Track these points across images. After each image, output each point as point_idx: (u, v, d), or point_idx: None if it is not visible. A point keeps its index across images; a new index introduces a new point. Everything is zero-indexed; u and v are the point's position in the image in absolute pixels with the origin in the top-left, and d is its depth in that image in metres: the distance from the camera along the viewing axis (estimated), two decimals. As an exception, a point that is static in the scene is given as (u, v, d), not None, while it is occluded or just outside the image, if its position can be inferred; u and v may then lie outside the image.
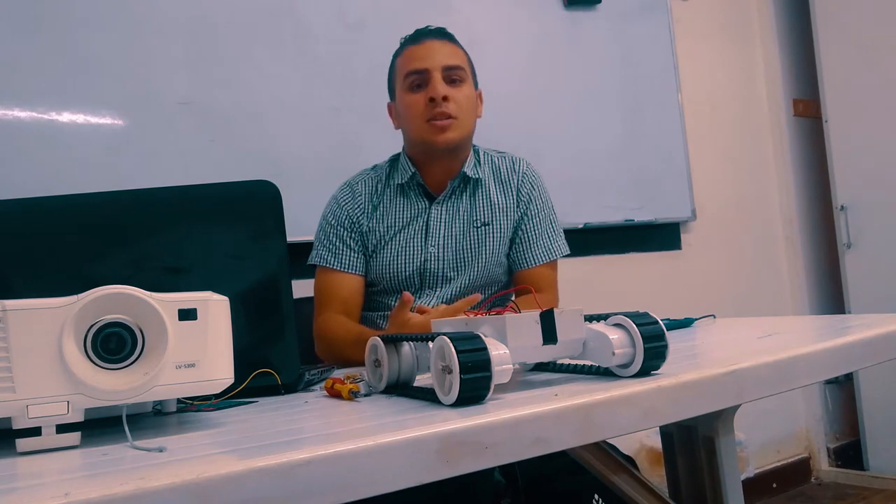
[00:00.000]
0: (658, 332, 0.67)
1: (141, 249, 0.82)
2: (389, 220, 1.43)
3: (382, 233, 1.42)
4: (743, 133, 2.92)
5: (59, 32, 1.65)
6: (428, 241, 1.41)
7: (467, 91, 1.40)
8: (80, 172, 1.63)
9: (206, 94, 1.80)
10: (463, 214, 1.43)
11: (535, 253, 1.45)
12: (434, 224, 1.42)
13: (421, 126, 1.37)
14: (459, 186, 1.44)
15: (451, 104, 1.36)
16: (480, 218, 1.43)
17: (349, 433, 0.54)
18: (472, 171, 1.44)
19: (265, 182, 0.88)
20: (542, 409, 0.57)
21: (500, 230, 1.44)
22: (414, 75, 1.38)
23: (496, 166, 1.48)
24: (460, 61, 1.40)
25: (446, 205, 1.43)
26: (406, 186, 1.44)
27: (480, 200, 1.45)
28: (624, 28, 2.55)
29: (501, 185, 1.47)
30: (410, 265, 1.40)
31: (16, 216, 0.81)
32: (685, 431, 0.99)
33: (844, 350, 0.80)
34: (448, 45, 1.41)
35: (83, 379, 0.56)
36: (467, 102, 1.39)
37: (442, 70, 1.37)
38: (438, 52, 1.39)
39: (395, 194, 1.45)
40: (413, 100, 1.38)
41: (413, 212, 1.43)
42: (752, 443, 2.65)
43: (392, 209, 1.44)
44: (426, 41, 1.40)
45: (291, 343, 0.86)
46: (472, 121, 1.42)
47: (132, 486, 0.42)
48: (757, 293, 2.85)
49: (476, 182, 1.45)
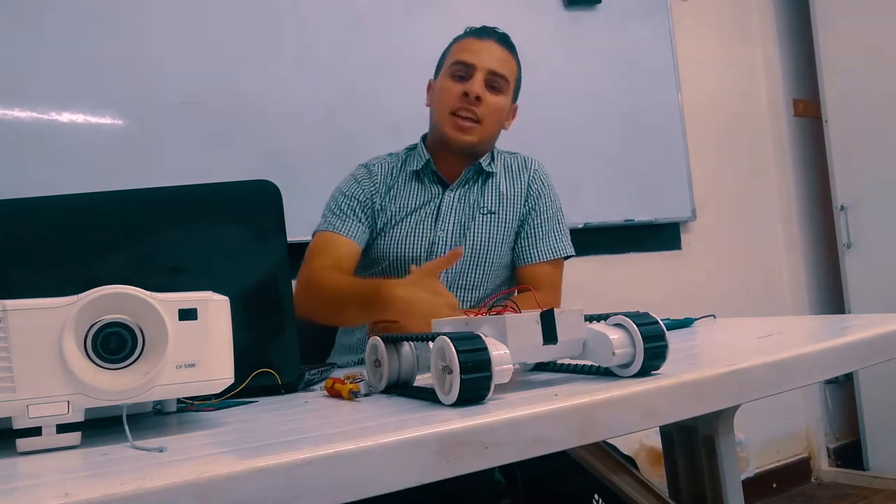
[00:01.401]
0: (658, 332, 0.67)
1: (141, 249, 0.82)
2: (402, 202, 1.45)
3: (394, 212, 1.44)
4: (743, 133, 2.92)
5: (59, 32, 1.65)
6: (438, 226, 1.43)
7: (502, 101, 1.43)
8: (80, 172, 1.63)
9: (206, 94, 1.80)
10: (472, 203, 1.46)
11: (539, 249, 1.46)
12: (445, 210, 1.44)
13: (445, 116, 1.41)
14: (473, 177, 1.47)
15: (482, 107, 1.39)
16: (488, 206, 1.46)
17: (349, 433, 0.54)
18: (487, 165, 1.47)
19: (265, 182, 0.88)
20: (543, 409, 0.57)
21: (506, 220, 1.46)
22: (460, 65, 1.41)
23: (508, 163, 1.52)
24: (508, 72, 1.43)
25: (458, 192, 1.46)
26: (421, 173, 1.47)
27: (490, 190, 1.47)
28: (624, 28, 2.55)
29: (511, 178, 1.50)
30: (419, 247, 1.42)
31: (16, 216, 0.81)
32: (685, 431, 0.99)
33: (844, 350, 0.80)
34: (504, 53, 1.44)
35: (83, 379, 0.56)
36: (497, 111, 1.43)
37: (487, 72, 1.40)
38: (492, 54, 1.42)
39: (410, 179, 1.48)
40: (449, 86, 1.41)
41: (426, 196, 1.46)
42: (752, 443, 2.65)
43: (406, 192, 1.47)
44: (487, 40, 1.43)
45: (291, 343, 0.86)
46: (495, 129, 1.46)
47: (132, 486, 0.42)
48: (757, 293, 2.85)
49: (489, 174, 1.48)
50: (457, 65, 1.41)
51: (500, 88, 1.42)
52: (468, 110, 1.38)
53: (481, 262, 1.43)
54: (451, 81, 1.41)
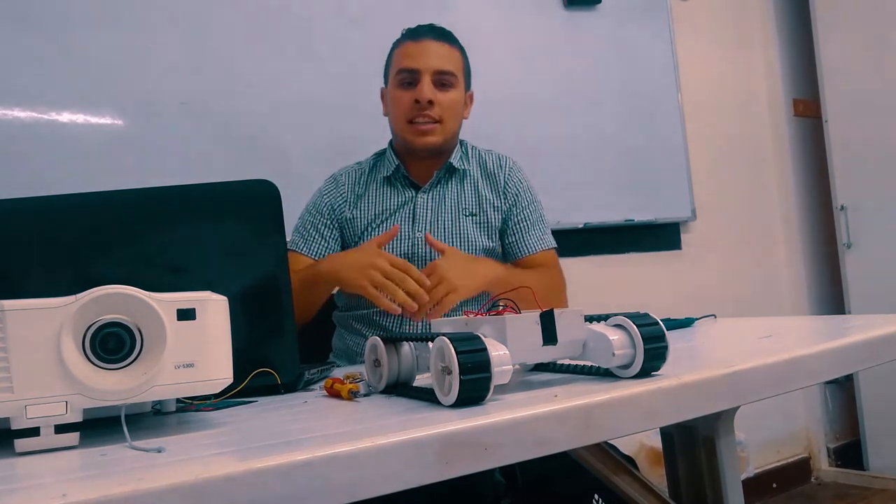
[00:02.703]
0: (658, 332, 0.67)
1: (140, 249, 0.82)
2: (377, 209, 1.46)
3: (369, 220, 1.45)
4: (743, 133, 2.92)
5: (59, 32, 1.65)
6: (415, 228, 1.44)
7: (454, 96, 1.43)
8: (80, 172, 1.63)
9: (206, 94, 1.80)
10: (450, 202, 1.47)
11: (530, 241, 1.49)
12: (421, 211, 1.45)
13: (403, 125, 1.42)
14: (445, 176, 1.48)
15: (436, 108, 1.40)
16: (469, 207, 1.47)
17: (349, 434, 0.53)
18: (458, 162, 1.48)
19: (264, 181, 0.88)
20: (542, 410, 0.57)
21: (487, 220, 1.47)
22: (405, 73, 1.41)
23: (483, 160, 1.53)
24: (453, 67, 1.43)
25: (432, 193, 1.47)
26: (392, 178, 1.48)
27: (469, 190, 1.48)
28: (624, 28, 2.55)
29: (488, 177, 1.50)
30: (397, 251, 1.43)
31: (16, 216, 0.81)
32: (685, 432, 0.99)
33: (845, 351, 0.80)
34: (444, 48, 1.43)
35: (82, 379, 0.56)
36: (453, 107, 1.43)
37: (433, 74, 1.40)
38: (433, 54, 1.41)
39: (381, 185, 1.48)
40: (399, 96, 1.42)
41: (400, 200, 1.47)
42: (752, 443, 2.65)
43: (379, 199, 1.47)
44: (424, 40, 1.42)
45: (291, 342, 0.86)
46: (456, 124, 1.46)
47: (131, 487, 0.42)
48: (757, 293, 2.85)
49: (462, 172, 1.49)
50: (402, 73, 1.42)
51: (450, 84, 1.42)
52: (424, 116, 1.39)
53: None
54: (401, 91, 1.42)
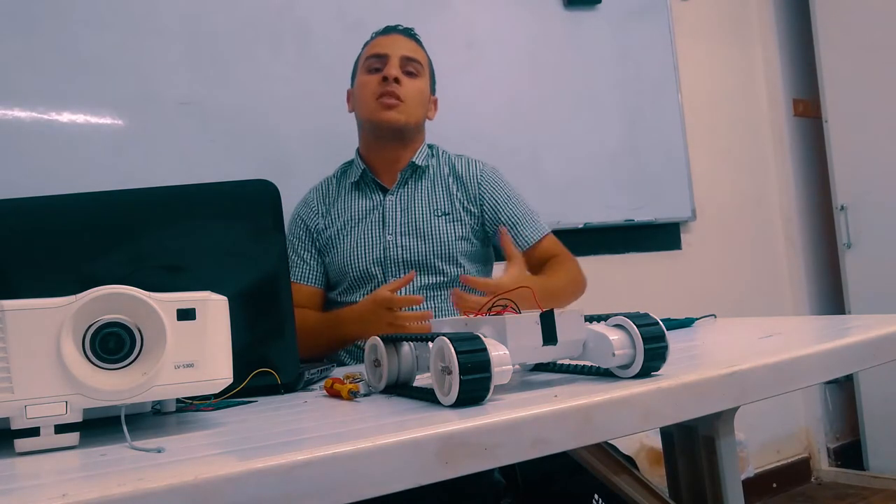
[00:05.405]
0: (658, 333, 0.67)
1: (140, 249, 0.82)
2: (346, 217, 1.48)
3: (339, 228, 1.47)
4: (743, 133, 2.92)
5: (58, 32, 1.65)
6: (385, 231, 1.45)
7: (420, 85, 1.47)
8: (80, 172, 1.63)
9: (206, 94, 1.80)
10: (421, 203, 1.47)
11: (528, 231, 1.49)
12: (390, 214, 1.46)
13: (370, 103, 1.44)
14: (411, 176, 1.49)
15: (402, 88, 1.43)
16: (441, 207, 1.47)
17: (349, 434, 0.53)
18: (422, 160, 1.49)
19: (264, 181, 0.88)
20: (542, 410, 0.57)
21: (460, 219, 1.47)
22: (374, 58, 1.46)
23: (452, 163, 1.54)
24: (420, 58, 1.49)
25: (400, 194, 1.48)
26: (360, 183, 1.49)
27: (440, 190, 1.49)
28: (624, 28, 2.55)
29: (459, 179, 1.51)
30: (370, 255, 1.43)
31: (16, 216, 0.81)
32: (685, 432, 0.99)
33: (845, 351, 0.80)
34: (412, 43, 1.50)
35: (81, 379, 0.56)
36: (417, 94, 1.46)
37: (400, 58, 1.45)
38: (401, 44, 1.48)
39: (350, 191, 1.50)
40: (368, 79, 1.46)
41: (369, 205, 1.48)
42: (752, 443, 2.65)
43: (348, 206, 1.49)
44: (393, 34, 1.50)
45: (291, 342, 0.86)
46: (420, 112, 1.48)
47: (131, 487, 0.42)
48: (757, 293, 2.85)
49: (425, 170, 1.50)
50: (370, 59, 1.47)
51: (416, 72, 1.47)
52: (389, 93, 1.42)
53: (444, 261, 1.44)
54: (369, 75, 1.46)
